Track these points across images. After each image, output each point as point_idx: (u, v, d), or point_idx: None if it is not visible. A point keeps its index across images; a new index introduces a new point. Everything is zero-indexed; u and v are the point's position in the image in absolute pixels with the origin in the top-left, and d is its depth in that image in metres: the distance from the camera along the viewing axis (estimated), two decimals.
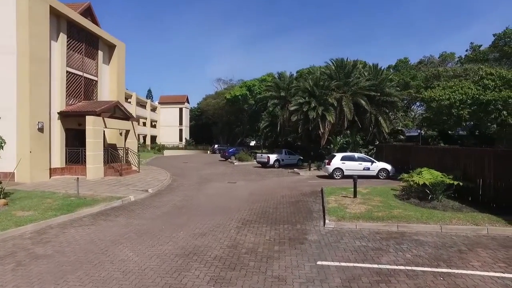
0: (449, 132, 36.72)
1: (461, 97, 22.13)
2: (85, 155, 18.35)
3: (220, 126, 69.05)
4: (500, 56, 36.37)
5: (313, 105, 24.54)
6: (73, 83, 19.78)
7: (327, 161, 20.29)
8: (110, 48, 23.62)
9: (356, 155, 20.56)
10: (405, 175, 13.73)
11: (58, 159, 18.52)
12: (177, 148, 63.15)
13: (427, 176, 12.15)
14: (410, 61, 44.10)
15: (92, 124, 17.97)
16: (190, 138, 70.89)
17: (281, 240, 7.85)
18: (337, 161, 19.81)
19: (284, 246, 7.43)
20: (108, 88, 23.57)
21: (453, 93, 22.54)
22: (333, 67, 27.35)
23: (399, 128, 33.28)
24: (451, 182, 11.22)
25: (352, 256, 6.70)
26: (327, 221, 9.26)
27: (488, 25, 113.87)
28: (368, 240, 7.79)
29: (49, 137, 17.75)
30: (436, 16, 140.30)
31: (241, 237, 8.17)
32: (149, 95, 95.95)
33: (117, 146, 23.47)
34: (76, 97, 20.08)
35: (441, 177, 11.77)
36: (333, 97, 24.86)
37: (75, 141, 19.79)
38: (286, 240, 7.89)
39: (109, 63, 23.64)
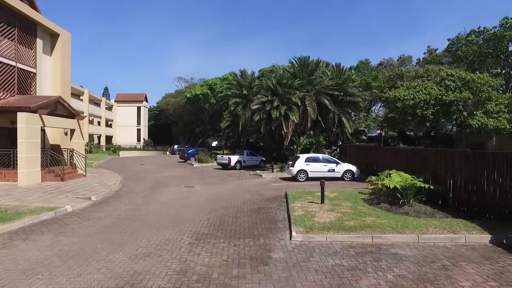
0: (407, 133, 37.66)
1: (425, 97, 22.26)
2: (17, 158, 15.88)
3: (181, 126, 66.56)
4: (453, 60, 37.86)
5: (276, 104, 23.57)
6: (3, 75, 17.13)
7: (291, 162, 19.36)
8: (53, 37, 21.04)
9: (321, 156, 19.82)
10: (373, 177, 13.06)
11: None
12: (134, 149, 59.86)
13: (397, 179, 11.49)
14: (371, 63, 44.93)
15: (26, 122, 15.53)
16: (148, 138, 67.58)
17: (241, 261, 6.57)
18: (301, 163, 18.92)
19: (245, 268, 6.16)
20: (51, 82, 20.99)
21: (418, 93, 22.64)
22: (297, 65, 26.58)
23: (362, 129, 33.39)
24: (422, 185, 10.61)
25: (326, 281, 5.58)
26: (294, 233, 8.13)
27: (443, 30, 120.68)
28: (342, 257, 6.74)
29: None
30: (392, 22, 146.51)
31: (193, 257, 6.79)
32: (106, 93, 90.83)
33: (62, 147, 21.02)
34: (8, 91, 17.43)
35: (411, 180, 11.14)
36: (297, 96, 24.06)
37: (7, 141, 17.23)
38: (247, 260, 6.63)
39: (51, 54, 21.05)
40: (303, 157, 19.27)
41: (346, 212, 10.06)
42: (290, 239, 7.99)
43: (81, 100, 48.43)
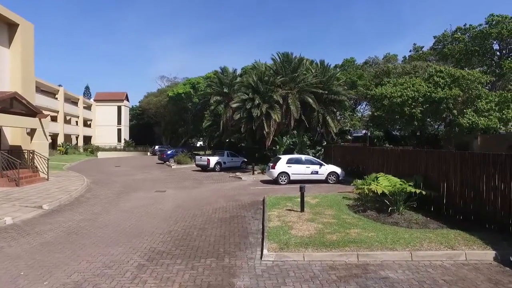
0: (393, 133, 36.87)
1: (413, 95, 21.21)
2: None
3: (163, 126, 64.64)
4: (439, 58, 37.30)
5: (257, 102, 22.24)
6: None
7: (271, 164, 18.08)
8: (11, 27, 19.16)
9: (303, 157, 18.60)
10: (359, 181, 11.87)
11: None
12: (114, 149, 57.64)
13: (384, 183, 10.35)
14: (356, 61, 44.09)
15: None
16: (130, 138, 65.30)
17: None
18: (282, 165, 17.66)
19: None
20: (9, 76, 19.13)
21: (405, 90, 21.58)
22: (279, 62, 25.33)
23: (347, 128, 32.42)
24: (412, 190, 9.47)
25: None
26: (265, 251, 6.82)
27: (429, 30, 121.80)
28: (321, 284, 5.47)
29: None
30: (378, 23, 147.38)
31: (137, 287, 5.42)
32: (87, 92, 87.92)
33: (23, 148, 19.17)
34: None
35: (400, 184, 10.01)
36: (279, 94, 22.81)
37: None
38: None
39: (9, 46, 19.19)
40: (284, 158, 18.02)
41: (328, 222, 8.81)
42: (261, 258, 6.68)
43: (56, 98, 46.00)
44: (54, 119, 46.53)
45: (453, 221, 8.70)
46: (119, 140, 63.76)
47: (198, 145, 72.09)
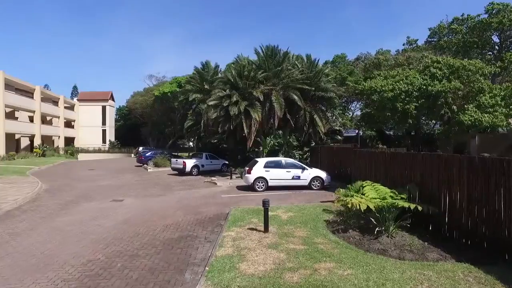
0: (387, 132, 34.79)
1: (406, 88, 18.73)
2: None
3: (150, 126, 62.22)
4: (435, 51, 35.16)
5: (235, 99, 20.01)
6: None
7: (247, 168, 15.93)
8: None
9: (284, 160, 16.44)
10: (342, 191, 9.79)
11: None
12: (98, 151, 55.01)
13: (371, 194, 8.28)
14: (348, 57, 41.93)
15: None
16: (116, 140, 62.69)
17: None
18: (259, 169, 15.52)
19: None
20: None
21: (398, 83, 19.15)
22: (262, 55, 23.14)
23: (337, 128, 30.31)
24: (406, 205, 7.39)
25: None
26: None
27: (424, 25, 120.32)
28: None
29: None
30: (371, 18, 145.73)
31: None
32: (75, 92, 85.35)
33: None
34: None
35: (390, 196, 7.96)
36: (260, 90, 20.61)
37: None
38: None
39: None
40: (261, 161, 15.87)
41: (295, 250, 6.70)
42: None
43: (32, 97, 43.46)
44: (30, 119, 44.17)
45: (458, 248, 6.62)
46: (103, 141, 61.16)
47: (187, 146, 69.76)
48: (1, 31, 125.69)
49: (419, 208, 7.23)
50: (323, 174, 16.03)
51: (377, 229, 7.30)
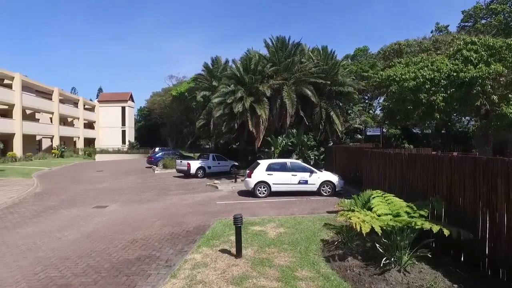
0: (413, 130, 31.81)
1: (432, 75, 15.32)
2: None
3: (168, 126, 61.76)
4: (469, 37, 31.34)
5: (239, 95, 18.17)
6: None
7: (248, 172, 14.12)
8: None
9: (289, 162, 14.44)
10: (347, 202, 7.86)
11: None
12: (118, 152, 55.02)
13: (381, 208, 6.30)
14: (370, 50, 38.84)
15: None
16: (135, 140, 62.72)
17: None
18: (260, 172, 13.66)
19: None
20: None
21: (421, 70, 15.62)
22: (272, 47, 21.23)
23: (357, 126, 27.89)
24: (427, 226, 5.36)
25: None
26: None
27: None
28: None
29: None
30: (395, 11, 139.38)
31: None
32: (100, 94, 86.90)
33: None
34: None
35: (406, 212, 5.98)
36: (268, 85, 18.71)
37: None
38: None
39: None
40: (264, 163, 14.00)
41: None
42: None
43: (51, 99, 43.74)
44: (51, 121, 44.51)
45: None
46: (123, 142, 61.27)
47: (208, 146, 68.91)
48: (35, 40, 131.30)
49: (446, 232, 5.17)
50: (334, 178, 13.95)
51: (384, 260, 5.31)
